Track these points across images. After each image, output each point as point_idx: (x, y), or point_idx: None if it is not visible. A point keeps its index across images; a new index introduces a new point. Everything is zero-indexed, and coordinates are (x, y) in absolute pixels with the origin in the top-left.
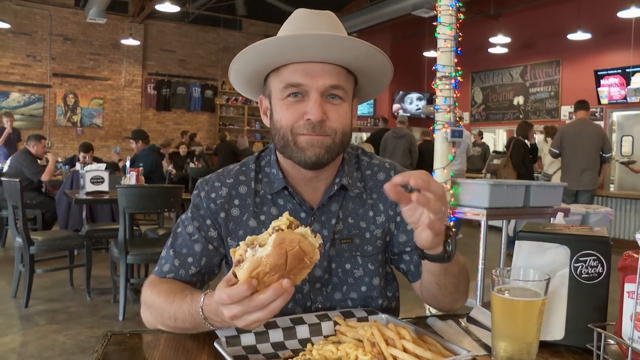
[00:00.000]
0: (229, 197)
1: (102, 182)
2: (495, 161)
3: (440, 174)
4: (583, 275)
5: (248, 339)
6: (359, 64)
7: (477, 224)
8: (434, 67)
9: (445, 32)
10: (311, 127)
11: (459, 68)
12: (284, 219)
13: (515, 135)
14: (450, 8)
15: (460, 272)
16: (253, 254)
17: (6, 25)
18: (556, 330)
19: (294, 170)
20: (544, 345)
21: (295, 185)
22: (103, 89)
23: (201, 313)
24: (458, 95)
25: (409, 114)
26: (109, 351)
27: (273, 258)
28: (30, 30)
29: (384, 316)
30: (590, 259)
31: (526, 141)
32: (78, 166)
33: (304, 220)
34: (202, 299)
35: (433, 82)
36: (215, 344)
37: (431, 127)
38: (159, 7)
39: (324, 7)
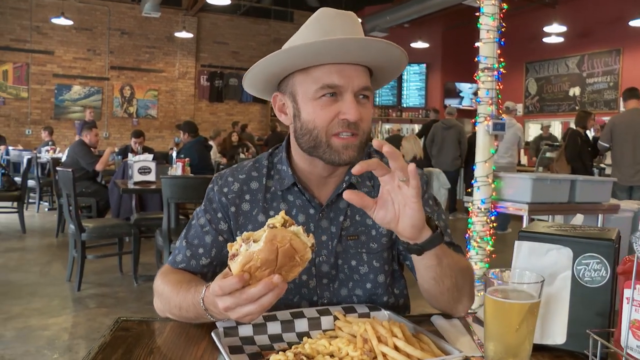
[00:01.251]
0: (240, 192)
1: (150, 172)
2: (548, 154)
3: (481, 167)
4: (586, 279)
5: (246, 330)
6: (383, 64)
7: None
8: (476, 59)
9: (487, 23)
10: (347, 126)
11: (502, 59)
12: (279, 217)
13: (573, 126)
14: None
15: (459, 269)
16: (247, 248)
17: (70, 22)
18: (557, 335)
19: (310, 167)
20: (546, 350)
21: (306, 182)
22: (158, 80)
23: (202, 304)
24: (501, 87)
25: (460, 105)
26: (116, 336)
27: (264, 253)
28: (91, 25)
29: (386, 312)
30: (593, 262)
31: (587, 132)
32: (130, 157)
33: (313, 217)
34: (204, 290)
35: (475, 74)
36: (212, 334)
37: (473, 120)
38: (210, 1)
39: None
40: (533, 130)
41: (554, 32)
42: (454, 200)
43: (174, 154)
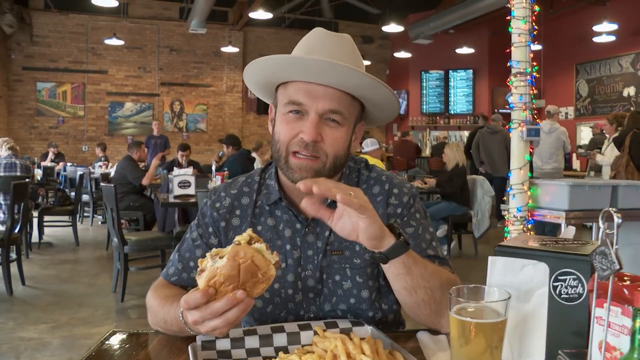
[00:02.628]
0: (231, 207)
1: (189, 186)
2: (599, 158)
3: (517, 174)
4: (563, 296)
5: (223, 344)
6: (362, 93)
7: (581, 227)
8: (508, 64)
9: (519, 26)
10: (304, 146)
11: (535, 63)
12: (246, 234)
13: (630, 128)
14: (524, 1)
15: (438, 282)
16: (213, 264)
17: (121, 42)
18: (536, 353)
19: (290, 182)
20: None
21: (292, 197)
22: (206, 95)
23: (181, 318)
24: (534, 92)
25: (509, 110)
26: (104, 348)
27: (227, 269)
28: (141, 44)
29: (369, 328)
30: (569, 278)
31: None
32: (175, 170)
33: (299, 231)
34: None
35: (508, 79)
36: (189, 347)
37: (507, 126)
38: (252, 15)
39: (418, 7)
40: (585, 133)
41: (605, 30)
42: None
43: (213, 167)
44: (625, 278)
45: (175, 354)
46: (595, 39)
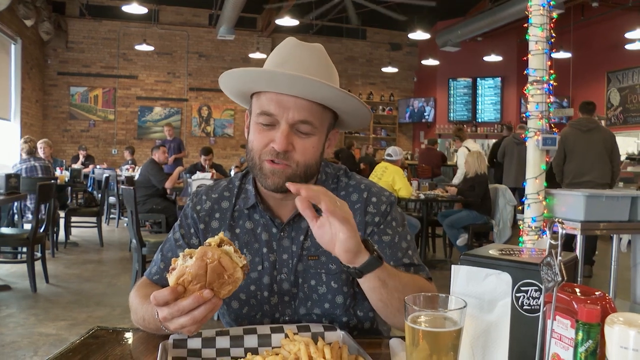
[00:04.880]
0: (211, 211)
1: None
2: (630, 168)
3: (532, 184)
4: (525, 307)
5: (194, 343)
6: (332, 104)
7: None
8: (525, 72)
9: (536, 34)
10: (275, 155)
11: (552, 71)
12: (217, 237)
13: None
14: (542, 8)
15: (414, 291)
16: (183, 263)
17: (151, 48)
18: None
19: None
20: None
21: (269, 201)
22: (234, 101)
23: (157, 316)
24: (551, 100)
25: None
26: (85, 342)
27: (194, 268)
28: (171, 50)
29: (341, 333)
30: (531, 289)
31: None
32: (197, 174)
33: (275, 235)
34: None
35: (525, 88)
36: (160, 344)
37: (523, 135)
38: (280, 22)
39: (445, 14)
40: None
41: (638, 37)
42: None
43: (232, 172)
44: (577, 290)
45: (150, 350)
46: (628, 46)
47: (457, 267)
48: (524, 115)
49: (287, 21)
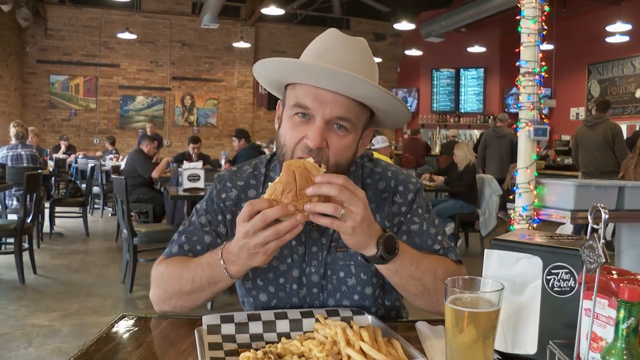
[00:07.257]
0: (238, 200)
1: (198, 179)
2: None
3: (523, 173)
4: (555, 289)
5: (228, 329)
6: (371, 102)
7: None
8: (517, 63)
9: (528, 26)
10: (308, 151)
11: (543, 63)
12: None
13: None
14: (534, 0)
15: (433, 276)
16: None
17: (134, 36)
18: (529, 345)
19: None
20: (518, 359)
21: None
22: (217, 90)
23: (220, 257)
24: (542, 91)
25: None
26: (114, 331)
27: (284, 177)
28: (154, 38)
29: (369, 317)
30: (562, 272)
31: None
32: (185, 164)
33: (304, 228)
34: (224, 245)
35: (516, 79)
36: (195, 330)
37: (514, 126)
38: (265, 11)
39: (429, 5)
40: None
41: (618, 31)
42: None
43: (222, 161)
44: (614, 272)
45: (183, 336)
46: (608, 39)
47: (490, 252)
48: (507, 105)
49: (271, 10)
